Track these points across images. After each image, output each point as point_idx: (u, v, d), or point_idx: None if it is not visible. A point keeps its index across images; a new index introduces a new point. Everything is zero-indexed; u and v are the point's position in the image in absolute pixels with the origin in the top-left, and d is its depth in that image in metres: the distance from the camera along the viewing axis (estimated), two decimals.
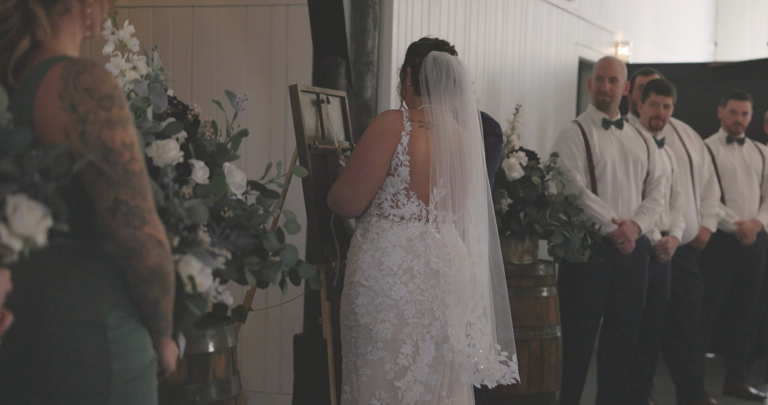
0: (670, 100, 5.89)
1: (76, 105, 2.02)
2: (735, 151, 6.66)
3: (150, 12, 5.50)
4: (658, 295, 5.76)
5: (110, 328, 2.06)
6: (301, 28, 5.15)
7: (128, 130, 2.06)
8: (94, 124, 2.02)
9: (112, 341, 2.06)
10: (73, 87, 2.03)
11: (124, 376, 2.07)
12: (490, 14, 6.27)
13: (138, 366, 2.11)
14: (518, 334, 4.94)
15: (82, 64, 2.06)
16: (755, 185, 6.68)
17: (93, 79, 2.04)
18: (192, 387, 2.90)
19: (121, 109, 2.05)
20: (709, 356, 7.58)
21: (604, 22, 8.00)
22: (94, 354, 2.04)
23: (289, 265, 3.05)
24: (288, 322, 5.28)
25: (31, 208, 1.80)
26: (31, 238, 1.81)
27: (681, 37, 10.33)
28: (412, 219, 3.59)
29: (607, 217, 5.33)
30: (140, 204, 2.05)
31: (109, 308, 2.07)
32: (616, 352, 5.58)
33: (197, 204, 2.61)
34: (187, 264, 2.46)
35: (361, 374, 3.59)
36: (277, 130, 5.25)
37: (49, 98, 2.03)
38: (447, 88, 3.62)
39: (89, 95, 2.02)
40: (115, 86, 2.07)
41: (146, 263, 2.07)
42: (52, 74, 2.05)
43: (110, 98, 2.04)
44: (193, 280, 2.43)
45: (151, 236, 2.07)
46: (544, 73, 7.05)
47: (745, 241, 6.50)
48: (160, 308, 2.14)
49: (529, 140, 6.70)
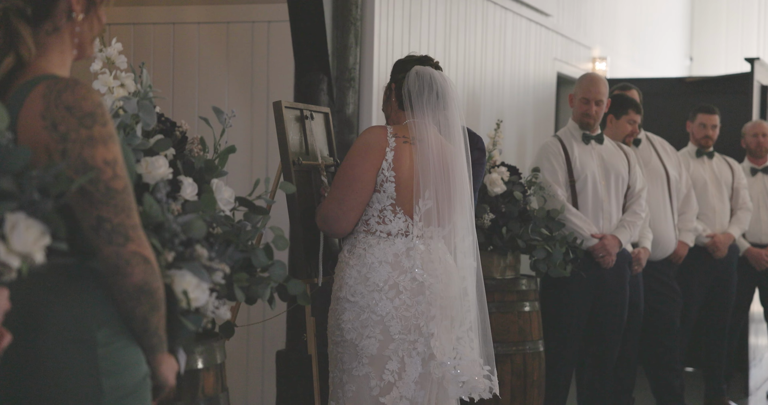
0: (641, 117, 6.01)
1: (57, 124, 2.01)
2: (705, 164, 6.72)
3: (131, 29, 5.50)
4: (634, 307, 5.79)
5: (100, 344, 2.06)
6: (283, 44, 5.17)
7: (110, 147, 2.04)
8: (75, 142, 2.01)
9: (102, 358, 2.05)
10: (54, 106, 2.02)
11: (114, 393, 2.07)
12: (470, 30, 6.31)
13: (129, 383, 2.10)
14: (501, 349, 4.97)
15: (65, 83, 2.05)
16: (725, 198, 6.75)
17: (74, 98, 2.03)
18: (181, 404, 2.90)
19: (103, 127, 2.04)
20: (688, 370, 7.62)
21: (581, 38, 8.06)
22: (84, 371, 2.04)
23: (277, 281, 3.05)
24: (271, 338, 5.27)
25: (29, 226, 1.80)
26: (29, 255, 1.80)
27: (657, 52, 10.42)
28: (399, 235, 3.60)
29: (587, 232, 5.36)
30: (123, 221, 2.04)
31: (99, 325, 2.07)
32: (599, 366, 5.60)
33: (194, 219, 2.61)
34: (181, 279, 2.46)
35: (347, 390, 3.59)
36: (258, 146, 5.26)
37: (32, 118, 2.02)
38: (429, 102, 3.64)
39: (70, 113, 2.01)
40: (98, 104, 2.05)
41: (132, 280, 2.06)
42: (35, 94, 2.04)
43: (92, 116, 2.03)
44: (187, 295, 2.43)
45: (136, 253, 2.05)
46: (523, 89, 7.09)
47: (717, 254, 6.56)
48: (150, 325, 2.13)
49: (508, 155, 6.73)
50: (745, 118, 7.46)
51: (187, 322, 2.43)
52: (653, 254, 5.99)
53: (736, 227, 6.69)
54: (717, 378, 6.76)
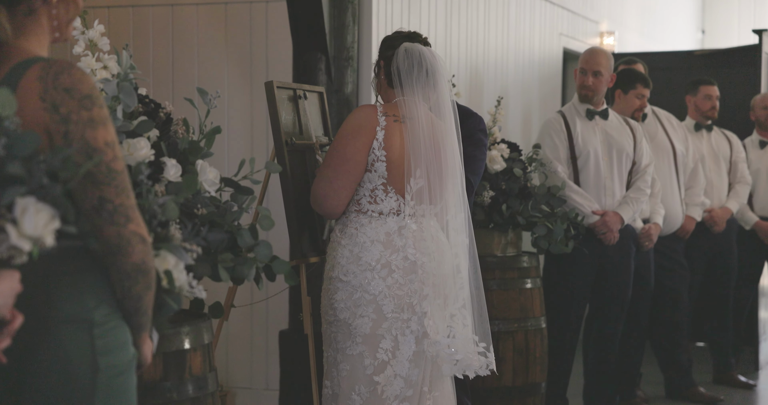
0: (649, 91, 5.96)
1: (58, 105, 2.03)
2: (703, 138, 6.67)
3: (130, 11, 5.50)
4: (643, 283, 5.77)
5: (96, 324, 2.09)
6: (281, 24, 5.15)
7: (109, 129, 2.08)
8: (77, 124, 2.03)
9: (98, 337, 2.09)
10: (53, 87, 2.04)
11: (109, 372, 2.10)
12: (472, 6, 6.27)
13: (122, 362, 2.14)
14: (503, 326, 4.96)
15: (60, 65, 2.07)
16: (723, 173, 6.70)
17: (72, 80, 2.05)
18: (168, 384, 2.91)
19: (101, 109, 2.08)
20: (699, 345, 7.59)
21: (588, 13, 7.99)
22: (80, 350, 2.07)
23: (263, 261, 3.05)
24: (274, 318, 5.28)
25: (39, 210, 1.82)
26: (40, 239, 1.83)
27: (668, 25, 10.33)
28: (391, 214, 3.59)
29: (588, 208, 5.34)
30: (124, 202, 2.08)
31: (96, 305, 2.10)
32: (603, 342, 5.59)
33: (168, 200, 2.62)
34: (163, 259, 2.48)
35: (341, 369, 3.59)
36: (258, 126, 5.25)
37: (30, 99, 2.04)
38: (419, 79, 3.62)
39: (69, 95, 2.04)
40: (93, 86, 2.09)
41: (131, 259, 2.10)
42: (30, 75, 2.06)
43: (90, 98, 2.06)
44: (170, 275, 2.45)
45: (136, 233, 2.10)
46: (528, 65, 7.05)
47: (715, 228, 6.52)
48: (143, 304, 2.17)
49: (513, 132, 6.70)
50: (754, 91, 7.39)
51: (170, 301, 2.45)
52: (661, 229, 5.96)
53: (734, 201, 6.65)
54: (725, 352, 6.74)
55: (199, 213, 2.92)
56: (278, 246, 4.88)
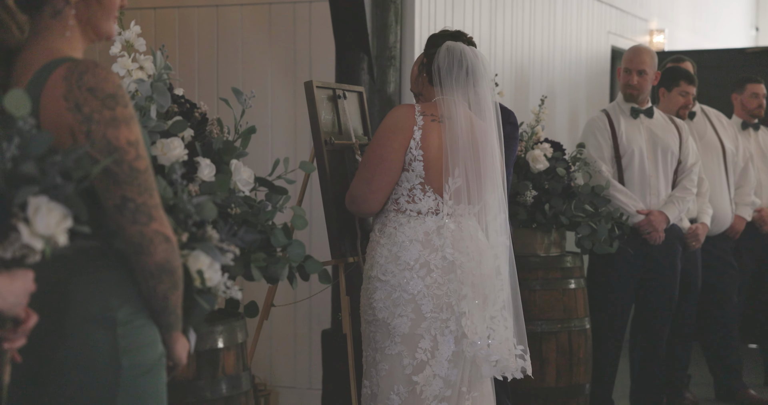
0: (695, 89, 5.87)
1: (81, 105, 2.04)
2: (750, 137, 6.56)
3: (175, 12, 5.55)
4: (690, 283, 5.69)
5: (120, 323, 2.10)
6: (324, 24, 5.16)
7: (132, 128, 2.09)
8: (99, 123, 2.04)
9: (121, 336, 2.09)
10: (77, 87, 2.05)
11: (132, 371, 2.10)
12: (517, 5, 6.24)
13: (147, 361, 2.14)
14: (546, 327, 4.93)
15: (85, 65, 2.08)
16: None
17: (96, 79, 2.06)
18: (202, 383, 2.92)
19: (124, 108, 2.08)
20: (751, 347, 7.48)
21: (637, 10, 7.91)
22: (103, 349, 2.08)
23: (296, 261, 3.05)
24: (317, 317, 5.29)
25: (51, 209, 1.83)
26: (52, 238, 1.84)
27: (720, 22, 10.19)
28: (429, 213, 3.58)
29: (633, 208, 5.28)
30: (147, 201, 2.09)
31: (120, 304, 2.11)
32: (650, 343, 5.52)
33: (205, 200, 2.63)
34: (196, 259, 2.48)
35: (380, 369, 3.59)
36: (302, 126, 5.26)
37: (54, 99, 2.06)
38: (459, 78, 3.60)
39: (93, 95, 2.05)
40: (118, 85, 2.09)
41: (154, 259, 2.10)
42: (56, 76, 2.07)
43: (114, 97, 2.07)
44: (202, 275, 2.45)
45: (158, 232, 2.10)
46: (574, 64, 6.99)
47: (765, 228, 6.41)
48: (170, 303, 2.17)
49: (560, 131, 6.65)
50: None
51: (202, 301, 2.45)
52: (709, 229, 5.88)
53: None
54: None
55: (232, 212, 2.93)
56: (319, 246, 4.89)
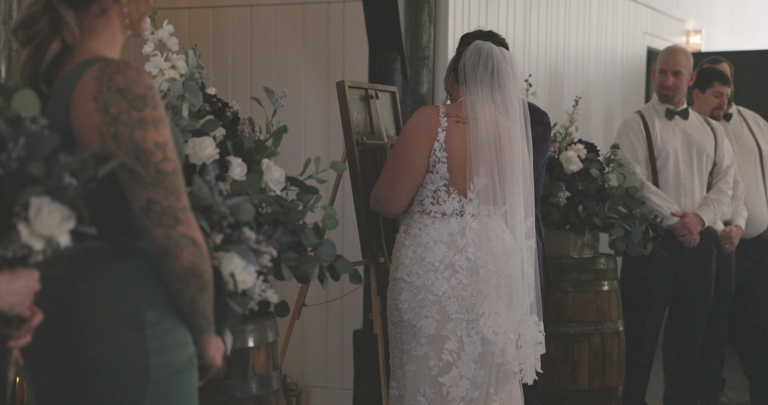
0: (729, 89, 5.81)
1: (109, 106, 2.03)
2: None
3: (210, 12, 5.57)
4: (723, 286, 5.64)
5: (149, 324, 2.09)
6: (358, 24, 5.16)
7: (161, 130, 2.06)
8: (126, 124, 2.02)
9: (150, 337, 2.08)
10: (106, 88, 2.04)
11: (161, 372, 2.10)
12: (552, 5, 6.21)
13: (177, 362, 2.13)
14: (578, 329, 4.90)
15: (116, 65, 2.07)
16: None
17: (126, 80, 2.04)
18: (232, 382, 2.93)
19: (153, 110, 2.06)
20: None
21: (674, 11, 7.85)
22: (132, 350, 2.07)
23: (327, 260, 3.05)
24: (348, 317, 5.30)
25: (52, 210, 1.82)
26: (53, 238, 1.83)
27: (758, 24, 10.09)
28: (454, 214, 3.56)
29: (667, 210, 5.24)
30: (173, 203, 2.06)
31: (148, 305, 2.10)
32: (683, 346, 5.48)
33: (242, 201, 2.62)
34: (229, 262, 2.46)
35: (407, 370, 3.58)
36: (335, 126, 5.27)
37: (84, 100, 2.05)
38: (484, 78, 3.58)
39: (122, 96, 2.03)
40: (148, 86, 2.07)
41: (181, 262, 2.08)
42: (87, 76, 2.06)
43: (143, 99, 2.04)
44: (234, 278, 2.44)
45: (185, 235, 2.07)
46: (610, 64, 6.95)
47: None
48: (198, 306, 2.15)
49: (595, 132, 6.61)
50: None
51: (234, 305, 2.44)
52: (745, 232, 5.82)
53: None
54: None
55: (263, 212, 2.94)
56: (351, 246, 4.89)
